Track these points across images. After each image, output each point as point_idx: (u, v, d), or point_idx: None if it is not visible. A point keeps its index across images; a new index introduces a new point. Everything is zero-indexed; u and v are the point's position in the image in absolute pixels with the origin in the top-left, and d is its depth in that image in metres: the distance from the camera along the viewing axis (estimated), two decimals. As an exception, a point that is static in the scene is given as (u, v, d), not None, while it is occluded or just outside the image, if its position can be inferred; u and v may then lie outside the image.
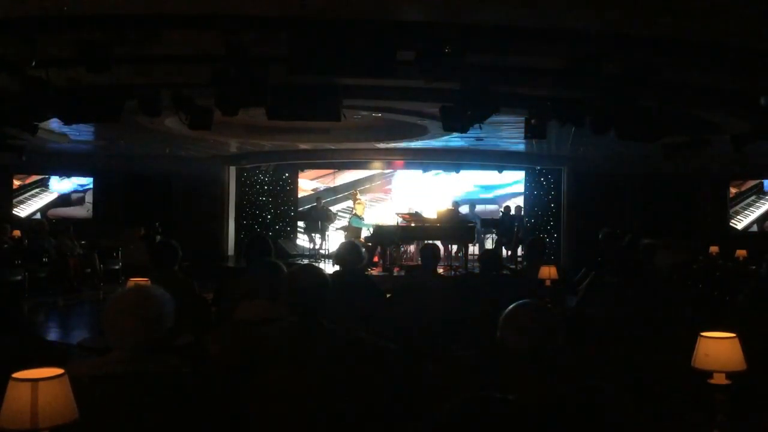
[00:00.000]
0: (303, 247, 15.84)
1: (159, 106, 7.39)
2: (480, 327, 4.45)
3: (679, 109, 8.19)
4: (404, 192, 16.36)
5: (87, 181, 15.92)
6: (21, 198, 15.77)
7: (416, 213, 13.19)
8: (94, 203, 15.81)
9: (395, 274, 12.15)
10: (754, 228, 14.62)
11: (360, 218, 13.80)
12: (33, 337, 3.62)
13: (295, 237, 16.42)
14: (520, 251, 13.92)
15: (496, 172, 16.05)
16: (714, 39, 5.62)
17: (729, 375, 2.72)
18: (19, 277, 10.12)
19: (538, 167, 15.71)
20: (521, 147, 13.46)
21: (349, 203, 15.43)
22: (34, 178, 15.81)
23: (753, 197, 14.63)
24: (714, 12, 4.85)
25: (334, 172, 16.71)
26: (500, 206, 15.61)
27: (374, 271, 11.83)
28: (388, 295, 5.04)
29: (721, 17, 4.95)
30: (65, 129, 10.34)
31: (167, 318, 2.36)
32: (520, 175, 16.23)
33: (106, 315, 2.32)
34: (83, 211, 15.81)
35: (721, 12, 4.85)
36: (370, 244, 12.48)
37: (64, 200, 15.89)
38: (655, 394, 3.00)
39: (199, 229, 14.75)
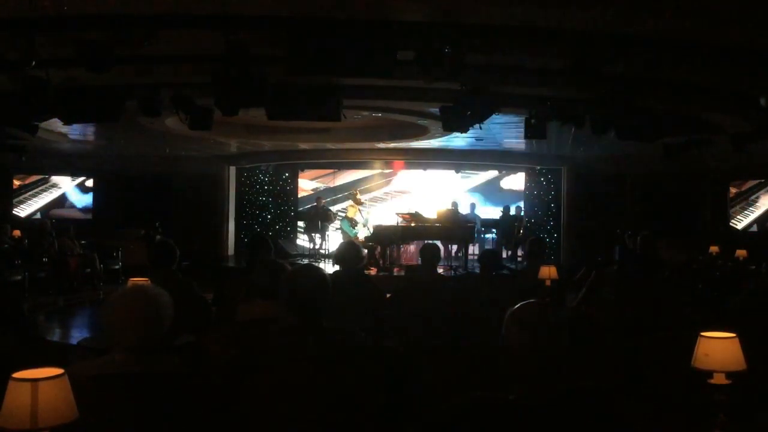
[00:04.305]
0: (303, 247, 15.81)
1: (159, 106, 7.39)
2: (480, 327, 4.46)
3: (679, 109, 8.19)
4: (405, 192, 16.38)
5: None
6: (21, 198, 15.76)
7: (416, 213, 13.18)
8: (94, 203, 15.80)
9: (395, 274, 12.13)
10: (754, 228, 14.60)
11: (351, 221, 13.69)
12: (33, 337, 3.63)
13: (295, 237, 16.40)
14: (520, 251, 13.91)
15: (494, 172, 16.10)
16: (714, 39, 5.62)
17: (729, 375, 2.72)
18: (19, 277, 10.11)
19: (538, 167, 15.71)
20: (521, 147, 13.46)
21: (349, 203, 15.39)
22: (34, 178, 15.80)
23: (753, 197, 14.62)
24: (714, 12, 4.85)
25: (334, 172, 16.69)
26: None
27: (371, 272, 11.79)
28: (388, 295, 5.03)
29: (721, 17, 4.95)
30: (65, 129, 10.33)
31: (167, 318, 2.36)
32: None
33: (106, 315, 2.32)
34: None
35: (721, 12, 4.84)
36: (371, 244, 12.46)
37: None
38: (655, 394, 3.00)
39: (199, 230, 14.72)
